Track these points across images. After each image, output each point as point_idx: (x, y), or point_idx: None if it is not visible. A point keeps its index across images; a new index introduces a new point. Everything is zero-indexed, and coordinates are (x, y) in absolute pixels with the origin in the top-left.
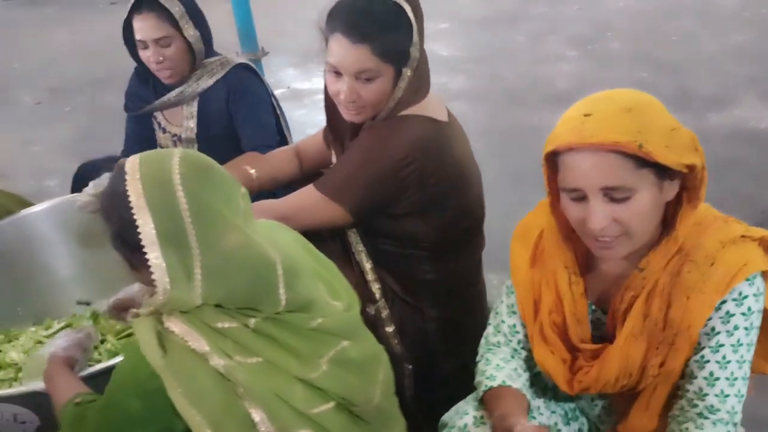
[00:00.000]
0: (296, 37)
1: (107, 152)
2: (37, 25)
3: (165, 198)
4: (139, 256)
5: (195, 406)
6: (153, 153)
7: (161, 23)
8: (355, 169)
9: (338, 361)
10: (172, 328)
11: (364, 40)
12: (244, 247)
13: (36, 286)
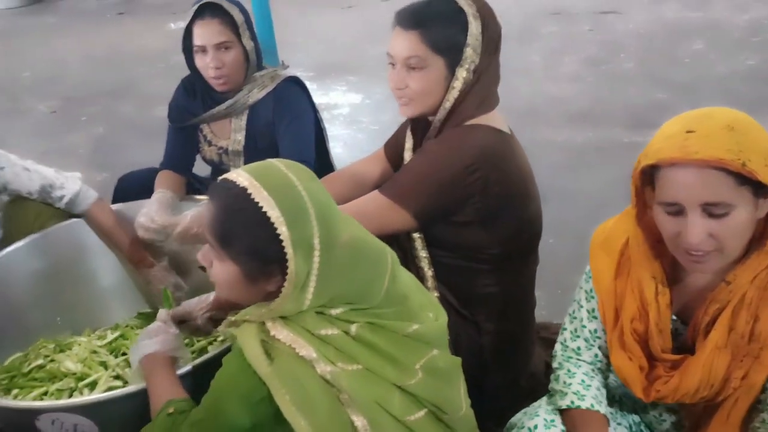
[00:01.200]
0: (312, 51)
1: (124, 161)
2: (41, 34)
3: (296, 206)
4: (269, 267)
5: (302, 412)
6: (258, 166)
7: (223, 29)
8: (421, 174)
9: (429, 369)
10: (278, 336)
11: (415, 26)
12: (358, 239)
13: (77, 296)
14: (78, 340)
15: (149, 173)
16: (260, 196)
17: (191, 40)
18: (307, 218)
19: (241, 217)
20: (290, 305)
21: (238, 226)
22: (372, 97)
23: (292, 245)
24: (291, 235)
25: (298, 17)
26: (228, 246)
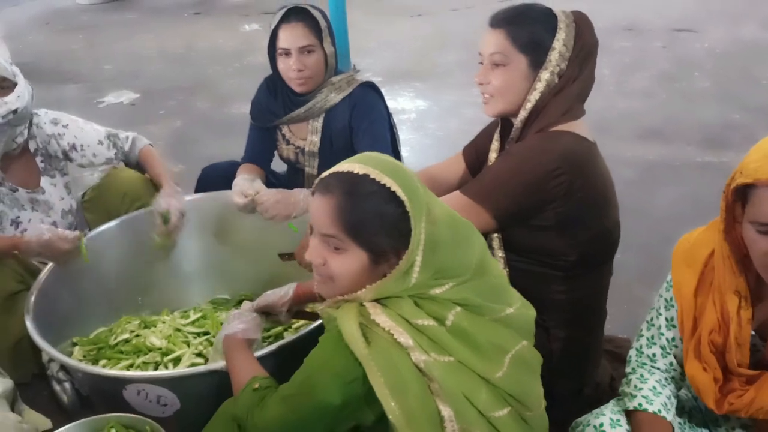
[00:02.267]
0: (382, 57)
1: (199, 154)
2: (122, 29)
3: (410, 184)
4: (397, 246)
5: (395, 396)
6: (362, 157)
7: (308, 32)
8: (504, 175)
9: (517, 361)
10: (378, 320)
11: (501, 25)
12: (449, 213)
13: (158, 278)
14: (162, 318)
15: (230, 166)
16: (383, 179)
17: (276, 42)
18: (419, 194)
19: (371, 200)
20: (398, 282)
21: (368, 209)
22: (439, 104)
23: (413, 220)
24: (413, 210)
25: (370, 23)
26: (358, 232)
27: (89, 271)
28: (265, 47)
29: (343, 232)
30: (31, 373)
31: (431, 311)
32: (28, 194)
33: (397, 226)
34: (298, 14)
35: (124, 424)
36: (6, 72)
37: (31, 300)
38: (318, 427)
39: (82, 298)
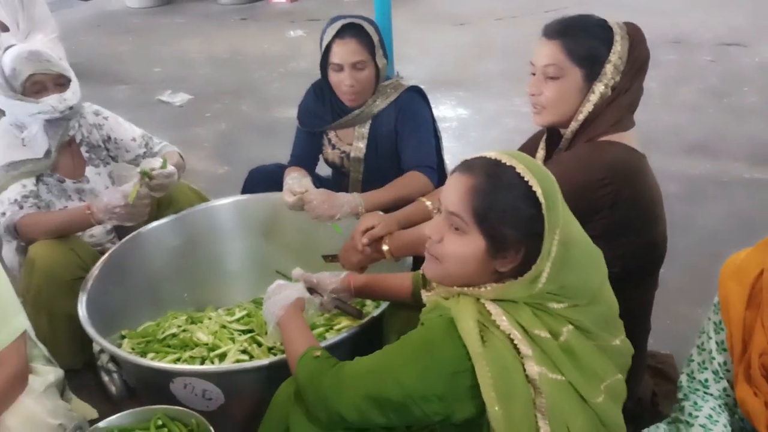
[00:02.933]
0: (424, 64)
1: (244, 156)
2: (171, 33)
3: (553, 191)
4: (518, 245)
5: (500, 399)
6: (513, 152)
7: (360, 49)
8: None
9: (610, 392)
10: (498, 322)
11: (556, 36)
12: (581, 232)
13: (204, 276)
14: (208, 315)
15: (277, 168)
16: (528, 175)
17: (329, 56)
18: (557, 202)
19: (509, 192)
20: (524, 288)
21: (502, 199)
22: (481, 113)
23: (548, 226)
24: (547, 215)
25: (413, 31)
26: (483, 218)
27: (139, 265)
28: (309, 53)
29: (470, 213)
30: (82, 362)
31: (547, 323)
32: (74, 184)
33: (527, 225)
34: (352, 30)
35: (171, 417)
36: (65, 70)
37: (85, 291)
38: (399, 415)
39: (132, 292)
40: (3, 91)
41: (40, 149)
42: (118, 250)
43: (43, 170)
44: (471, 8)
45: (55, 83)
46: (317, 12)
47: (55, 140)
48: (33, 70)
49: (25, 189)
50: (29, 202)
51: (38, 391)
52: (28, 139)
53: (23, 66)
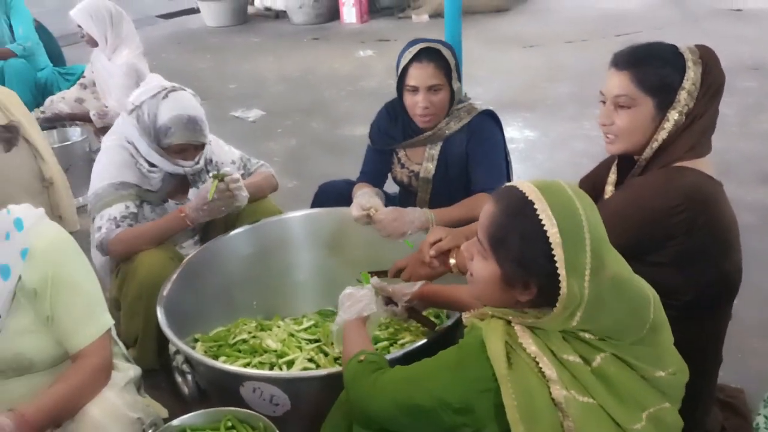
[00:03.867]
0: (492, 86)
1: (312, 172)
2: (246, 51)
3: (575, 231)
4: (530, 280)
5: (524, 422)
6: (547, 183)
7: (437, 72)
8: (625, 209)
9: (656, 421)
10: (525, 345)
11: (627, 67)
12: (623, 277)
13: (273, 285)
14: (277, 323)
15: (346, 184)
16: (543, 212)
17: (405, 78)
18: (583, 247)
19: (519, 226)
20: (556, 324)
21: (513, 233)
22: (548, 135)
23: (565, 267)
24: (566, 257)
25: (482, 52)
26: (497, 248)
27: (214, 272)
28: (378, 73)
29: (488, 240)
30: (160, 363)
31: (578, 349)
32: (176, 205)
33: (533, 264)
34: (429, 54)
35: (240, 419)
36: (206, 137)
37: (163, 294)
38: (429, 424)
39: (205, 297)
40: (147, 136)
41: (153, 185)
42: (196, 257)
43: (150, 199)
44: (540, 31)
45: (195, 148)
46: (387, 33)
47: (169, 185)
48: (187, 139)
49: (127, 210)
50: (126, 222)
51: (119, 386)
52: (148, 175)
53: (178, 131)
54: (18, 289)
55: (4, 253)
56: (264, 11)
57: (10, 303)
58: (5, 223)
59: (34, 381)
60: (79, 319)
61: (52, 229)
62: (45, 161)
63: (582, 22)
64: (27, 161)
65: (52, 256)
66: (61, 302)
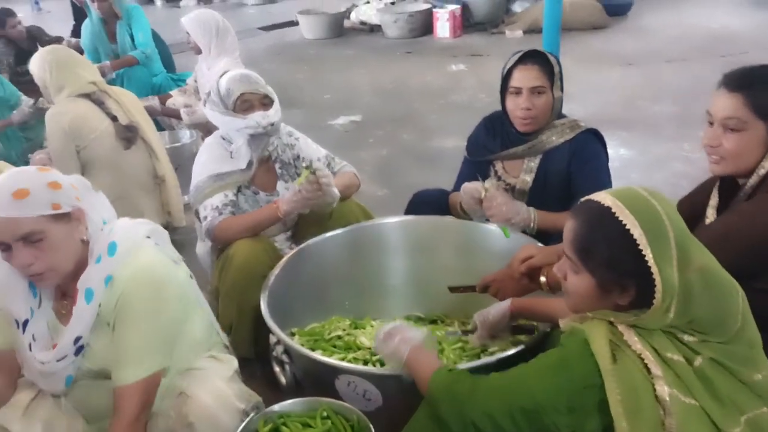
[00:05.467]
0: (587, 103)
1: (402, 182)
2: (341, 63)
3: (657, 228)
4: (625, 281)
5: (627, 416)
6: (621, 191)
7: (541, 75)
8: (732, 233)
9: (754, 426)
10: (630, 342)
11: (739, 89)
12: (710, 268)
13: (366, 287)
14: (370, 322)
15: (440, 193)
16: (624, 216)
17: (508, 81)
18: (667, 240)
19: (604, 233)
20: (655, 319)
21: (599, 240)
22: (645, 155)
23: (656, 263)
24: (653, 251)
25: (578, 69)
26: (587, 258)
27: (311, 270)
28: (469, 86)
29: (575, 254)
30: (254, 353)
31: (681, 349)
32: (266, 197)
33: (628, 264)
34: (534, 57)
35: (335, 410)
36: (269, 91)
37: (266, 287)
38: (531, 426)
39: (302, 293)
40: (218, 108)
41: (243, 161)
42: (296, 254)
43: (243, 182)
44: (640, 49)
45: (260, 102)
46: (480, 48)
47: (256, 153)
48: (243, 89)
49: (226, 198)
50: (227, 210)
51: (227, 376)
52: (235, 152)
53: (235, 86)
54: (98, 314)
55: (92, 276)
56: (359, 25)
57: (91, 325)
58: (101, 243)
59: None
60: (126, 355)
61: (141, 260)
62: (159, 160)
63: (683, 41)
64: (143, 159)
65: (127, 290)
66: (121, 333)
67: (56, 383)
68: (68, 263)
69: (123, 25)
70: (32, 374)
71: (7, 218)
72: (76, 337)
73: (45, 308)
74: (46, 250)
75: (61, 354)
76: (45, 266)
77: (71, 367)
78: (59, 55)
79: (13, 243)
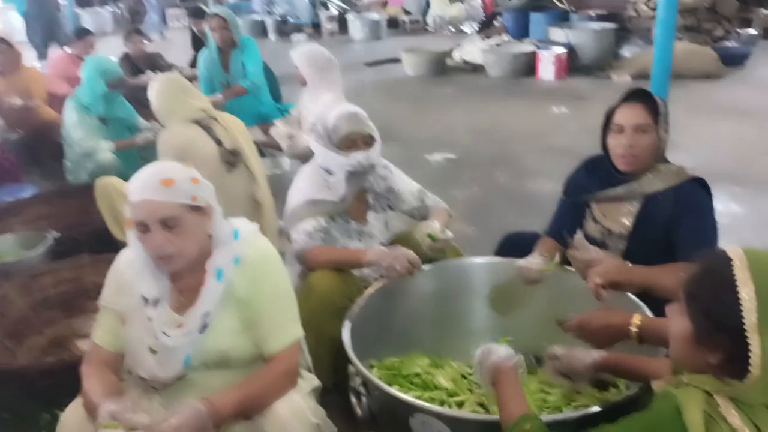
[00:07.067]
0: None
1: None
2: (441, 100)
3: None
4: (718, 337)
5: None
6: (755, 250)
7: (645, 113)
8: None
9: None
10: (728, 417)
11: None
12: None
13: (448, 327)
14: (450, 363)
15: (532, 236)
16: (740, 271)
17: (611, 119)
18: None
19: (714, 282)
20: (755, 393)
21: (707, 288)
22: (759, 213)
23: (758, 331)
24: (759, 321)
25: (690, 119)
26: (691, 302)
27: (395, 304)
28: (571, 131)
29: (683, 295)
30: (331, 382)
31: None
32: (357, 226)
33: (722, 320)
34: (639, 96)
35: None
36: (373, 131)
37: (350, 318)
38: None
39: (384, 326)
40: (323, 141)
41: (338, 194)
42: (382, 287)
43: (337, 212)
44: (756, 101)
45: (363, 141)
46: (584, 91)
47: (352, 189)
48: (351, 129)
49: (319, 224)
50: (318, 236)
51: (305, 391)
52: (332, 184)
53: (343, 124)
54: (228, 292)
55: (221, 258)
56: (462, 64)
57: (220, 302)
58: (226, 233)
59: (228, 376)
60: (276, 326)
61: (263, 242)
62: (258, 185)
63: None
64: (244, 183)
65: (260, 267)
66: (263, 309)
67: (174, 364)
68: (194, 251)
69: (237, 56)
70: (146, 365)
71: (153, 200)
72: (204, 312)
73: (169, 291)
74: (180, 235)
75: (188, 330)
76: (175, 250)
77: (191, 347)
78: (172, 83)
79: (153, 225)
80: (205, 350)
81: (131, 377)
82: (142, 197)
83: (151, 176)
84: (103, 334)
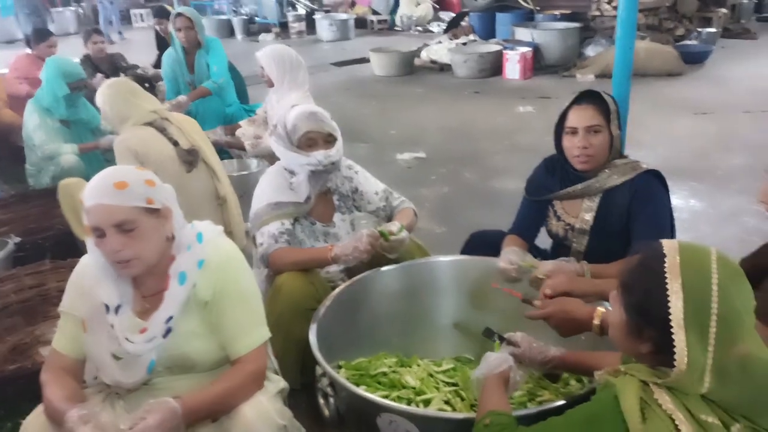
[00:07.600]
0: (658, 151)
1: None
2: (409, 100)
3: (700, 291)
4: (645, 330)
5: None
6: (692, 246)
7: (597, 114)
8: None
9: None
10: (661, 401)
11: None
12: (756, 358)
13: (415, 325)
14: (417, 361)
15: (498, 235)
16: (671, 267)
17: (564, 122)
18: (707, 312)
19: (646, 275)
20: (686, 385)
21: (639, 280)
22: (716, 208)
23: (684, 327)
24: (685, 317)
25: (650, 117)
26: (624, 294)
27: (362, 304)
28: (536, 128)
29: (619, 287)
30: (299, 383)
31: (718, 413)
32: (323, 227)
33: (648, 312)
34: (589, 97)
35: None
36: (334, 129)
37: (316, 320)
38: None
39: (351, 327)
40: (282, 142)
41: (302, 195)
42: (348, 288)
43: (301, 213)
44: (716, 99)
45: (324, 140)
46: (549, 90)
47: (315, 189)
48: (309, 128)
49: (283, 227)
50: (283, 238)
51: (271, 393)
52: (295, 185)
53: (302, 123)
54: (192, 295)
55: (184, 261)
56: (429, 63)
57: (183, 306)
58: (189, 236)
59: (194, 381)
60: (242, 328)
61: (227, 244)
62: (220, 181)
63: (762, 92)
64: (205, 181)
65: (224, 269)
66: (228, 312)
67: (138, 370)
68: (153, 255)
69: (202, 56)
70: (109, 371)
71: (107, 204)
72: (168, 317)
73: (132, 297)
74: (136, 239)
75: (151, 335)
76: (132, 254)
77: (155, 352)
78: (119, 88)
79: (108, 229)
80: (169, 355)
81: (94, 383)
82: (95, 201)
83: (103, 180)
84: (63, 340)
